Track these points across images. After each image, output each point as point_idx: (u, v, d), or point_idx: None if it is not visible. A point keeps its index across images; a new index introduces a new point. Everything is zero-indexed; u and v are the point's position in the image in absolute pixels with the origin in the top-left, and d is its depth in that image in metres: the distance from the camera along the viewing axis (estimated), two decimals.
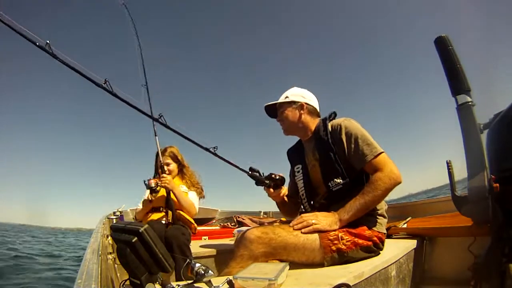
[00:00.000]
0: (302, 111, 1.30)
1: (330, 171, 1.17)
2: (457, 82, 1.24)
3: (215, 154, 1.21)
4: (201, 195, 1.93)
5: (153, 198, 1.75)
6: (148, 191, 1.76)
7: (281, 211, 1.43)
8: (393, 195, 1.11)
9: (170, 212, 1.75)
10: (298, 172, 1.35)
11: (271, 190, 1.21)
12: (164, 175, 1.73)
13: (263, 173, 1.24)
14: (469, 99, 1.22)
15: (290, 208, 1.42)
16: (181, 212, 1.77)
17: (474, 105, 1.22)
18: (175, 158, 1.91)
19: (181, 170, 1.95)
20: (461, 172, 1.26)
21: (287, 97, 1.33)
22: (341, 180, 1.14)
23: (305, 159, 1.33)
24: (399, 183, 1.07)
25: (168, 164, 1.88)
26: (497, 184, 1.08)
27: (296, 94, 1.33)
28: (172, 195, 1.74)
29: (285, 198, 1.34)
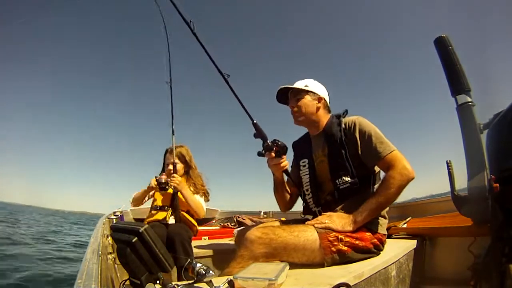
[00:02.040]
0: (319, 104, 1.28)
1: (339, 168, 1.16)
2: (457, 82, 1.24)
3: (227, 82, 1.11)
4: (206, 198, 1.91)
5: (161, 195, 1.79)
6: (154, 179, 1.77)
7: (278, 196, 1.37)
8: (397, 199, 1.10)
9: (170, 211, 1.75)
10: (304, 166, 1.33)
11: (273, 154, 1.12)
12: (175, 175, 1.72)
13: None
14: (469, 99, 1.23)
15: (286, 196, 1.37)
16: (185, 214, 1.77)
17: (474, 105, 1.22)
18: (182, 158, 1.89)
19: (187, 171, 1.91)
20: (461, 172, 1.26)
21: (306, 85, 1.29)
22: (349, 179, 1.14)
23: (313, 154, 1.31)
24: (412, 178, 1.06)
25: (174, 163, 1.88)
26: (497, 184, 1.08)
27: (316, 85, 1.31)
28: (180, 195, 1.74)
29: (284, 180, 1.30)
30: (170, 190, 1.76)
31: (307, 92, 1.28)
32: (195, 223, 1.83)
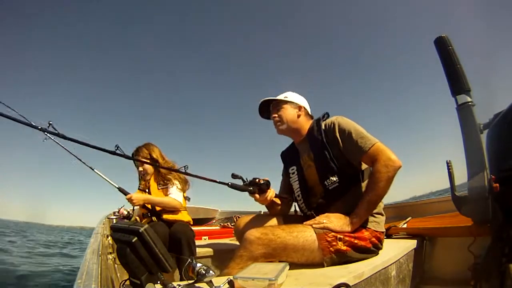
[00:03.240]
0: (300, 112, 1.33)
1: (325, 169, 1.18)
2: (457, 82, 1.24)
3: (187, 173, 1.20)
4: (180, 186, 1.87)
5: (136, 218, 1.87)
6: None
7: (271, 213, 1.41)
8: (397, 198, 1.10)
9: (155, 219, 1.79)
10: (293, 173, 1.36)
11: (257, 196, 1.17)
12: (128, 196, 1.73)
13: (246, 178, 1.19)
14: (469, 99, 1.22)
15: (279, 209, 1.40)
16: (167, 216, 1.78)
17: (474, 105, 1.22)
18: (147, 158, 1.90)
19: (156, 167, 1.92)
20: (461, 172, 1.26)
21: (286, 97, 1.35)
22: (336, 178, 1.16)
23: (300, 160, 1.34)
24: (399, 167, 1.06)
25: (142, 165, 1.90)
26: (497, 184, 1.08)
27: (295, 96, 1.37)
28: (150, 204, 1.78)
29: (275, 200, 1.32)
30: (140, 201, 1.79)
31: (287, 102, 1.34)
32: (184, 218, 1.82)
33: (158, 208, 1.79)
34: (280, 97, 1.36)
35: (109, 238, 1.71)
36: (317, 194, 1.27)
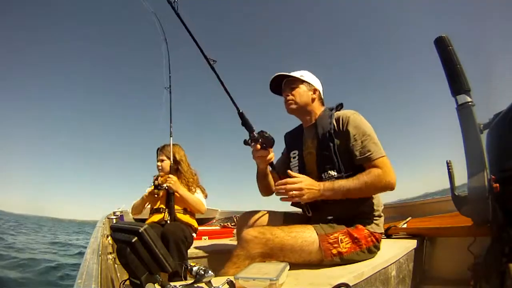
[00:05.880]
0: (314, 95, 1.26)
1: (326, 162, 1.14)
2: (457, 82, 1.24)
3: (212, 68, 1.09)
4: (204, 194, 1.91)
5: (157, 195, 1.79)
6: (152, 186, 1.81)
7: (260, 184, 1.33)
8: (390, 199, 1.09)
9: (166, 212, 1.75)
10: (294, 158, 1.31)
11: (258, 146, 1.09)
12: (171, 175, 1.74)
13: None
14: (469, 99, 1.23)
15: (269, 185, 1.32)
16: (180, 215, 1.76)
17: (474, 105, 1.22)
18: (169, 156, 1.89)
19: (177, 168, 1.90)
20: (461, 172, 1.26)
21: (302, 75, 1.27)
22: (335, 173, 1.11)
23: (303, 145, 1.29)
24: (391, 189, 1.05)
25: (161, 161, 1.89)
26: (497, 184, 1.08)
27: (311, 77, 1.29)
28: (177, 195, 1.74)
29: (272, 174, 1.28)
30: (164, 192, 1.77)
31: (302, 82, 1.26)
32: (193, 223, 1.80)
33: (177, 207, 1.76)
34: (296, 74, 1.27)
35: (109, 238, 1.70)
36: None
